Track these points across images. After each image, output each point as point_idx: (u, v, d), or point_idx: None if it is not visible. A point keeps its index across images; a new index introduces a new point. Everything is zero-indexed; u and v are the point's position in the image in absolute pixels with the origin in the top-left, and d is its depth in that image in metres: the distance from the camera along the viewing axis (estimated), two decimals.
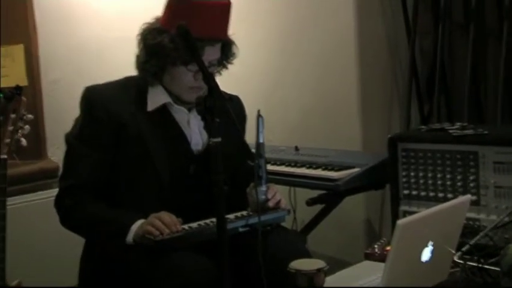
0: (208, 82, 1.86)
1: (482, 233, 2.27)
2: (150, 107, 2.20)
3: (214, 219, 1.92)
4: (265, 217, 2.13)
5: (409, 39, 3.43)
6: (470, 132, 2.54)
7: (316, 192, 2.89)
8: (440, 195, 2.57)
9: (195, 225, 2.10)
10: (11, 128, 1.91)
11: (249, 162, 2.22)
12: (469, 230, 2.35)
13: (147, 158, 2.15)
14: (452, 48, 3.40)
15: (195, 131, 2.25)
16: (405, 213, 2.63)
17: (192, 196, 2.19)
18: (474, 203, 2.45)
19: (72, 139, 2.20)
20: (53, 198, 2.21)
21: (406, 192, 2.65)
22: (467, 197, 2.08)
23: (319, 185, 2.84)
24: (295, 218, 3.12)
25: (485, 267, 2.11)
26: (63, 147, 2.23)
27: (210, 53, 2.16)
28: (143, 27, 2.20)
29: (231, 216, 2.16)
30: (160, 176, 2.16)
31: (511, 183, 2.41)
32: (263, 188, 2.17)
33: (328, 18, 3.47)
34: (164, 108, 2.21)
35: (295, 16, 3.59)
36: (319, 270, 1.91)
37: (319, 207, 3.02)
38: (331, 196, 2.88)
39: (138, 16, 2.28)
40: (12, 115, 1.92)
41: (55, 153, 3.18)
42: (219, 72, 2.27)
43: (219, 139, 1.77)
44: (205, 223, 2.11)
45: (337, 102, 3.49)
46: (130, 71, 2.24)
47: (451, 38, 3.38)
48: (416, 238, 1.79)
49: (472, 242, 2.21)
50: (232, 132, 2.01)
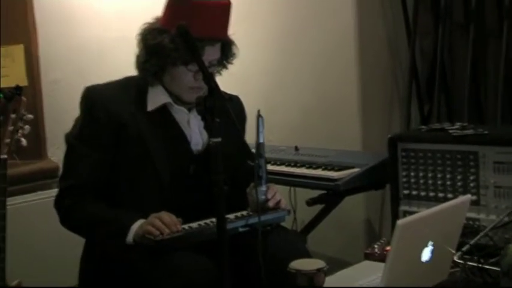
0: (209, 82, 1.86)
1: (482, 233, 2.27)
2: (150, 107, 2.20)
3: (214, 219, 1.92)
4: (265, 217, 2.13)
5: (409, 39, 3.43)
6: (470, 132, 2.54)
7: (316, 192, 2.89)
8: (440, 195, 2.57)
9: (195, 225, 2.10)
10: (11, 128, 1.92)
11: (249, 162, 2.22)
12: (469, 230, 2.34)
13: (147, 158, 2.15)
14: (453, 49, 3.40)
15: (195, 131, 2.25)
16: (405, 213, 2.62)
17: (192, 196, 2.19)
18: (474, 203, 2.45)
19: (72, 139, 2.20)
20: (53, 198, 2.21)
21: (406, 192, 2.65)
22: (467, 197, 2.08)
23: (319, 185, 2.84)
24: (295, 218, 3.12)
25: (485, 267, 2.10)
26: (63, 147, 2.23)
27: (210, 53, 2.16)
28: (143, 27, 2.20)
29: (231, 216, 2.16)
30: (160, 176, 2.16)
31: (511, 183, 2.40)
32: (263, 188, 2.17)
33: (328, 18, 3.47)
34: (164, 108, 2.21)
35: (295, 16, 3.58)
36: (319, 270, 1.91)
37: (319, 207, 3.02)
38: (331, 196, 2.88)
39: (138, 16, 2.28)
40: (12, 115, 1.92)
41: (55, 153, 3.19)
42: (219, 72, 2.27)
43: (219, 139, 1.77)
44: (205, 223, 2.11)
45: (337, 102, 3.49)
46: (130, 71, 2.24)
47: (451, 38, 3.37)
48: (416, 238, 1.78)
49: (472, 242, 2.21)
50: (232, 132, 2.00)
